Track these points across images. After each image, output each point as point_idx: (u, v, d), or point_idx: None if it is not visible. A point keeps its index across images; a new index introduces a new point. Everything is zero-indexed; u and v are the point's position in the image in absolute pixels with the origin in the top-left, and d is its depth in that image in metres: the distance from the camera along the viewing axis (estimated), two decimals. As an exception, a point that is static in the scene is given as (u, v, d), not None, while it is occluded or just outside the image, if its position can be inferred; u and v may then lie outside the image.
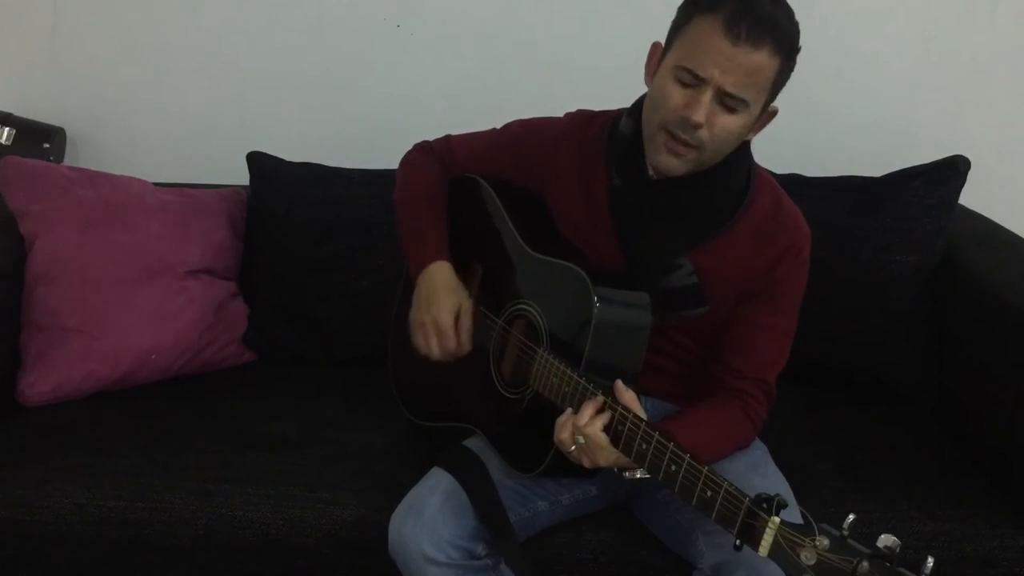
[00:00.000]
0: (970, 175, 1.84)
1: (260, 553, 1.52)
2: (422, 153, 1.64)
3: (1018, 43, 2.10)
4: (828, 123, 2.13)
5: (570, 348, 1.32)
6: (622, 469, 1.26)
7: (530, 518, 1.42)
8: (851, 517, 0.98)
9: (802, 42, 1.30)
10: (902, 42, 2.11)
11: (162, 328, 1.86)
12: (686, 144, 1.27)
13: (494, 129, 1.60)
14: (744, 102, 1.24)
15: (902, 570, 0.93)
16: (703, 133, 1.25)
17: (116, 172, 2.00)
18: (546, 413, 1.30)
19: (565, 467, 1.32)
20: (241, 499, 1.53)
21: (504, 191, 1.55)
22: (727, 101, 1.24)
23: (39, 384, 1.78)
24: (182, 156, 2.25)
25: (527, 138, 1.53)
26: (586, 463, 1.24)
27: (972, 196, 1.90)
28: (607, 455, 1.22)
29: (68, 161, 2.24)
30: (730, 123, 1.26)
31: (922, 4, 2.09)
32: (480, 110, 1.69)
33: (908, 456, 1.68)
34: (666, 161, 1.30)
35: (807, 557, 0.99)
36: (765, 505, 1.05)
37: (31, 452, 1.62)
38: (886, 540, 0.95)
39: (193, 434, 1.69)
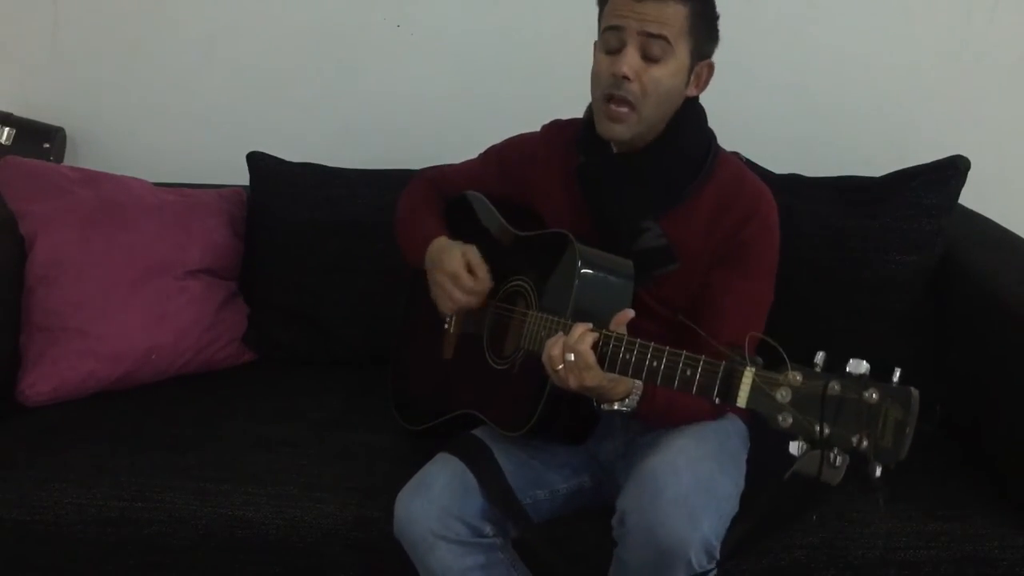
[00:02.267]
0: (970, 175, 1.84)
1: (260, 553, 1.52)
2: (417, 182, 1.73)
3: (1018, 43, 2.10)
4: (828, 123, 2.13)
5: (557, 302, 1.37)
6: (601, 401, 1.30)
7: (531, 506, 1.43)
8: (821, 353, 1.00)
9: (802, 42, 1.31)
10: (902, 42, 2.11)
11: (162, 328, 1.87)
12: (623, 103, 1.37)
13: (479, 155, 1.69)
14: (666, 43, 1.34)
15: (872, 381, 0.95)
16: (634, 87, 1.36)
17: (116, 172, 2.00)
18: (536, 372, 1.33)
19: (555, 428, 1.37)
20: (241, 499, 1.53)
21: (497, 201, 1.62)
22: (650, 49, 1.34)
23: (39, 384, 1.78)
24: (182, 156, 2.25)
25: (509, 152, 1.63)
26: (572, 382, 1.26)
27: (972, 196, 1.90)
28: (593, 375, 1.25)
29: (68, 161, 2.24)
30: (658, 73, 1.36)
31: (922, 4, 2.09)
32: (480, 110, 1.70)
33: (908, 456, 1.68)
34: (610, 128, 1.40)
35: (783, 395, 1.00)
36: (739, 358, 1.06)
37: (31, 452, 1.63)
38: (856, 366, 0.97)
39: (193, 434, 1.69)
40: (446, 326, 1.60)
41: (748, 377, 1.04)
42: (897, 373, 0.96)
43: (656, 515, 1.22)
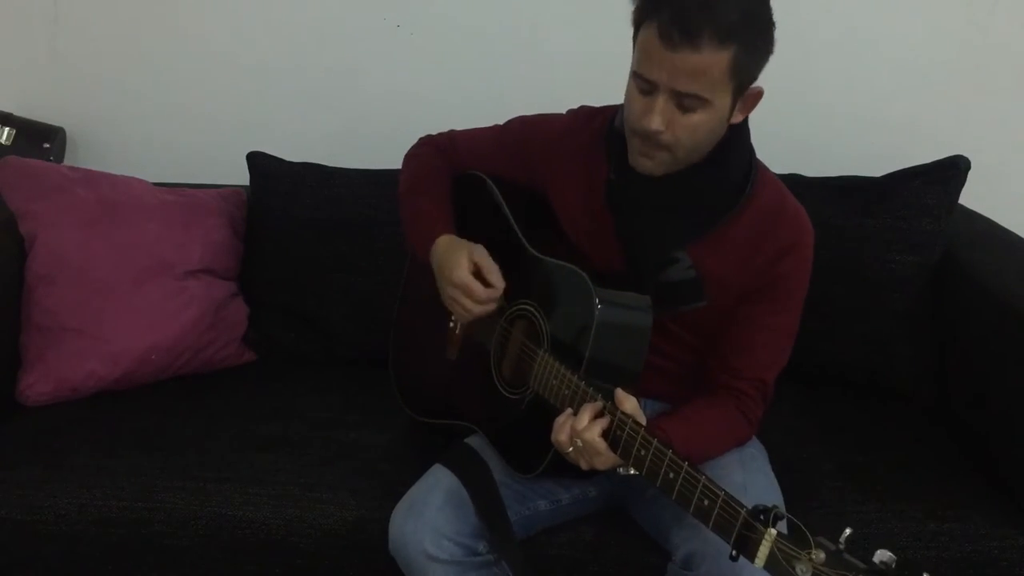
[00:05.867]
0: (970, 175, 1.84)
1: (260, 553, 1.52)
2: (425, 147, 1.64)
3: (1018, 43, 2.10)
4: (828, 123, 2.13)
5: (571, 350, 1.32)
6: (616, 466, 1.26)
7: (531, 516, 1.42)
8: (848, 531, 0.98)
9: (802, 42, 1.28)
10: (902, 42, 2.11)
11: (162, 328, 1.86)
12: (656, 147, 1.28)
13: (497, 125, 1.60)
14: (701, 99, 1.23)
15: None
16: (666, 137, 1.26)
17: (116, 172, 2.00)
18: (546, 414, 1.30)
19: (563, 469, 1.32)
20: (241, 499, 1.53)
21: (508, 189, 1.54)
22: (684, 101, 1.23)
23: (39, 384, 1.78)
24: (182, 156, 2.25)
25: (529, 135, 1.53)
26: (583, 465, 1.25)
27: (972, 196, 1.90)
28: (604, 459, 1.23)
29: (68, 161, 2.24)
30: (692, 121, 1.25)
31: (922, 4, 2.09)
32: (480, 109, 1.69)
33: (908, 456, 1.68)
34: (641, 163, 1.31)
35: (803, 571, 0.98)
36: (762, 517, 1.04)
37: (31, 452, 1.63)
38: (882, 555, 0.95)
39: (193, 434, 1.69)
40: (451, 324, 1.56)
41: (768, 541, 1.02)
42: None
43: (734, 567, 1.17)
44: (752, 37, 1.23)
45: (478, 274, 1.41)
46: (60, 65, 2.24)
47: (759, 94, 1.31)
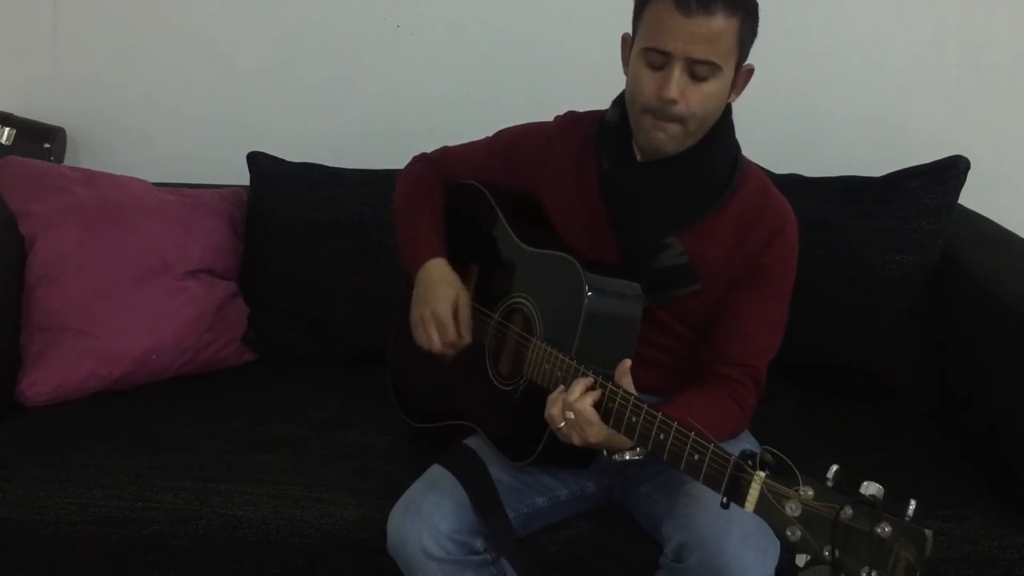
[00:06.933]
0: (970, 175, 1.84)
1: (260, 553, 1.52)
2: (418, 163, 1.68)
3: (1018, 43, 2.10)
4: (828, 123, 2.13)
5: (562, 336, 1.34)
6: (611, 452, 1.27)
7: (529, 514, 1.43)
8: (835, 467, 0.99)
9: (802, 42, 1.29)
10: (902, 42, 2.11)
11: (162, 328, 1.86)
12: (670, 119, 1.31)
13: (487, 137, 1.63)
14: (714, 66, 1.28)
15: (885, 514, 0.94)
16: (681, 107, 1.30)
17: (116, 172, 2.00)
18: (540, 402, 1.30)
19: (558, 457, 1.33)
20: (241, 499, 1.53)
21: (499, 193, 1.57)
22: (697, 71, 1.28)
23: (39, 384, 1.78)
24: (182, 156, 2.25)
25: (520, 142, 1.57)
26: (575, 440, 1.25)
27: (972, 196, 1.90)
28: (597, 431, 1.24)
29: (68, 161, 2.24)
30: (704, 91, 1.30)
31: (922, 4, 2.09)
32: (480, 110, 1.70)
33: (908, 456, 1.68)
34: (655, 138, 1.34)
35: (792, 508, 1.00)
36: (750, 462, 1.06)
37: (31, 452, 1.62)
38: (870, 487, 0.96)
39: (193, 434, 1.69)
40: None
41: (758, 483, 1.03)
42: (912, 506, 0.94)
43: (724, 556, 1.20)
44: (751, 11, 1.31)
45: (454, 317, 1.47)
46: (60, 65, 2.24)
47: (751, 71, 1.36)
